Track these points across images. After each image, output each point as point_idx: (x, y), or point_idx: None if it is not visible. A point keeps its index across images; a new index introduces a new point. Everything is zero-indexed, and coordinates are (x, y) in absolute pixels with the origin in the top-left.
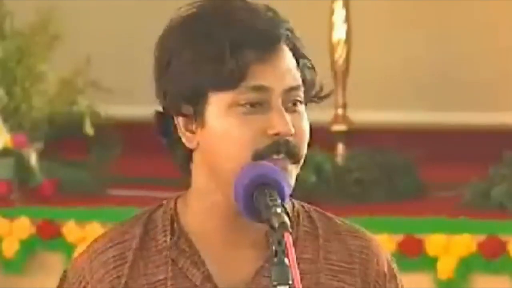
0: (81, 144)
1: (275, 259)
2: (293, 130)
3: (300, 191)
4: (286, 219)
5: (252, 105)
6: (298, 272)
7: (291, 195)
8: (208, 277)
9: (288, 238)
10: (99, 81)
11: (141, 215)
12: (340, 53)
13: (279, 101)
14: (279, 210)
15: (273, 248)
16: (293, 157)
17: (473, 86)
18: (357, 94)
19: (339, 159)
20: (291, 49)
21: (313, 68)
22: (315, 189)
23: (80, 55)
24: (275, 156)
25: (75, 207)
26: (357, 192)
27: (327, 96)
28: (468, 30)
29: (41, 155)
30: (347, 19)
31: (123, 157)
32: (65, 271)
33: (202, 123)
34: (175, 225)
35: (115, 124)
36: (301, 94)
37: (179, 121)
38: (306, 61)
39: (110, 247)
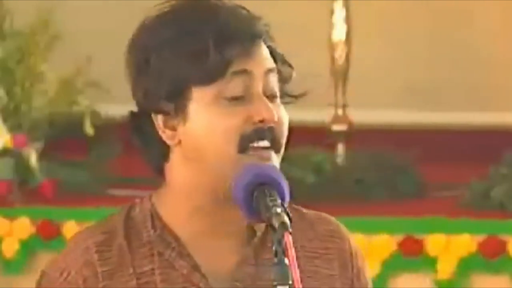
0: (81, 144)
1: (275, 259)
2: (276, 117)
3: (300, 191)
4: (286, 219)
5: (235, 98)
6: (298, 272)
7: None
8: (195, 267)
9: (288, 238)
10: (99, 81)
11: (117, 216)
12: (340, 53)
13: (260, 88)
14: (279, 210)
15: (273, 248)
16: (276, 144)
17: (473, 86)
18: (357, 94)
19: (339, 159)
20: (268, 46)
21: (289, 64)
22: (315, 189)
23: (80, 55)
24: (260, 143)
25: (75, 207)
26: (357, 192)
27: (301, 95)
28: (469, 30)
29: (41, 155)
30: (347, 19)
31: (123, 157)
32: (42, 271)
33: (184, 119)
34: (156, 220)
35: (115, 124)
36: (276, 84)
37: (158, 119)
38: (282, 56)
39: (92, 236)
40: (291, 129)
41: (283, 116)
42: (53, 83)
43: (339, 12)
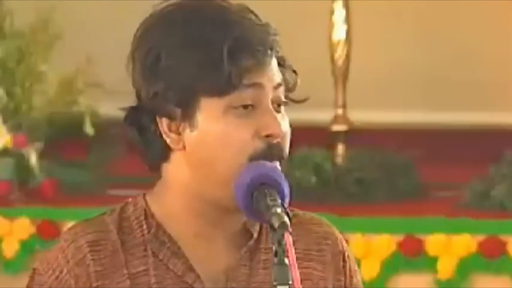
0: (81, 144)
1: (275, 259)
2: (283, 132)
3: (300, 191)
4: (286, 219)
5: (245, 107)
6: (298, 272)
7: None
8: (189, 267)
9: (288, 238)
10: (100, 81)
11: (110, 214)
12: (340, 53)
13: (270, 100)
14: (279, 210)
15: (273, 248)
16: (281, 159)
17: (474, 86)
18: (357, 94)
19: (339, 159)
20: (277, 55)
21: (294, 70)
22: (315, 189)
23: (80, 55)
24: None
25: (75, 207)
26: (357, 192)
27: (303, 100)
28: (469, 30)
29: (41, 155)
30: (347, 19)
31: (123, 157)
32: (34, 269)
33: (191, 126)
34: (150, 219)
35: (115, 124)
36: (283, 94)
37: (163, 122)
38: (288, 63)
39: (84, 235)
40: (291, 131)
41: (287, 127)
42: (53, 83)
43: (339, 12)
